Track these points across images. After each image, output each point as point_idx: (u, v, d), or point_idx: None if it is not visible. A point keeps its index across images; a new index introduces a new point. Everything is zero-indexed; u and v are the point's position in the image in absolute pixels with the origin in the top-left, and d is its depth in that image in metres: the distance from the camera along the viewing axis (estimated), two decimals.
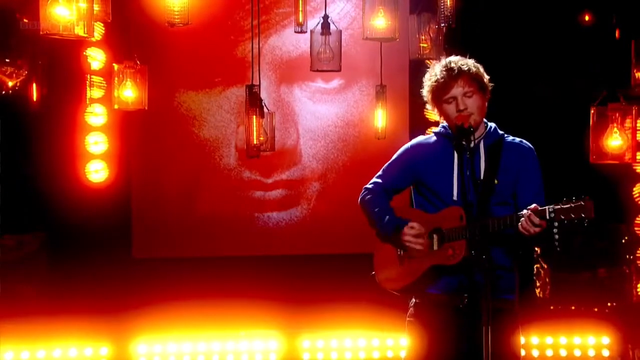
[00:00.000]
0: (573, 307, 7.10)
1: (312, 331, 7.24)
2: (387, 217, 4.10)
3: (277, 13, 7.55)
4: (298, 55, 7.52)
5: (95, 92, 7.16)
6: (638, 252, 7.17)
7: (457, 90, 3.94)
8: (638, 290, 7.12)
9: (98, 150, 7.35)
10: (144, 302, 6.94)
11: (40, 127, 7.21)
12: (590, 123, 5.51)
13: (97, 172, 7.34)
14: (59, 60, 7.20)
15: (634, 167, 7.11)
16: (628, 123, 5.56)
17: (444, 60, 4.04)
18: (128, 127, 7.42)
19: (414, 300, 4.16)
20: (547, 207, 3.70)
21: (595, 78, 6.39)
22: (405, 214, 4.14)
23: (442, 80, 3.95)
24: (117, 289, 7.08)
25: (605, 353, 7.04)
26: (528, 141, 4.16)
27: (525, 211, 3.72)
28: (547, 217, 3.68)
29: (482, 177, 3.90)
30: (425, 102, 4.22)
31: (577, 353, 7.04)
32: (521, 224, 3.71)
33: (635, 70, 5.38)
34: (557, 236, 3.74)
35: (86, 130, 7.32)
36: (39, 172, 7.18)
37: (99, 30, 7.13)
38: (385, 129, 6.42)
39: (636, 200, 7.16)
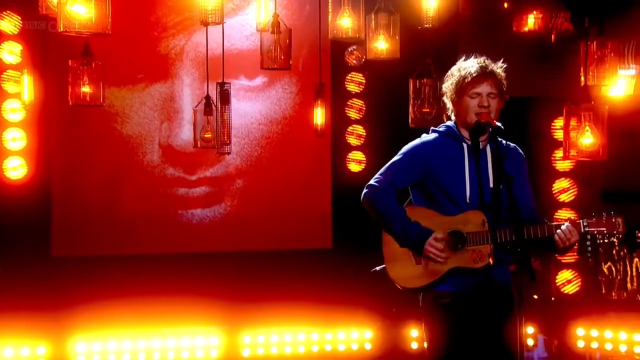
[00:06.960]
0: None
1: (252, 327, 7.29)
2: (408, 222, 4.07)
3: None
4: (221, 52, 7.46)
5: (11, 87, 7.02)
6: None
7: (484, 88, 4.06)
8: (557, 282, 7.30)
9: (16, 146, 7.17)
10: (70, 301, 6.86)
11: None
12: (564, 122, 5.72)
13: (15, 169, 7.16)
14: None
15: (554, 165, 7.30)
16: (572, 122, 5.75)
17: (476, 58, 4.15)
18: (48, 123, 7.27)
19: (424, 295, 4.16)
20: (581, 220, 3.94)
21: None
22: (417, 214, 4.12)
23: (476, 74, 4.05)
24: (38, 289, 6.91)
25: (530, 342, 7.35)
26: None
27: (565, 223, 3.92)
28: (582, 230, 3.93)
29: (492, 181, 4.03)
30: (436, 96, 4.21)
31: None
32: (559, 236, 3.91)
33: (587, 71, 5.57)
34: (589, 248, 3.88)
35: (3, 126, 7.14)
36: None
37: (15, 24, 6.99)
38: (324, 126, 6.43)
39: (555, 196, 7.36)
